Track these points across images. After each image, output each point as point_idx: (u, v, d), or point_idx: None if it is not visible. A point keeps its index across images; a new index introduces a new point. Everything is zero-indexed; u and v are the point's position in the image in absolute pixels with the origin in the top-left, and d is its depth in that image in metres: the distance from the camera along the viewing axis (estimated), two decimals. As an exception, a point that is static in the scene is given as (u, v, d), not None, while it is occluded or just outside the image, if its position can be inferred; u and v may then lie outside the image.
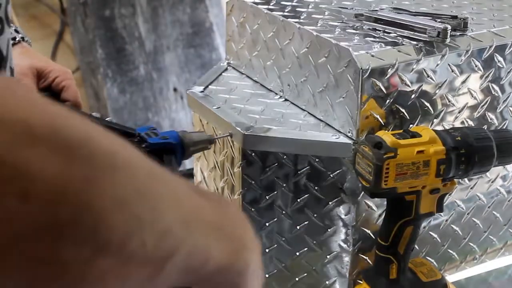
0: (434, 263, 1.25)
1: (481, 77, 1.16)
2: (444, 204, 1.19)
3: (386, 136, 1.00)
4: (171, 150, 1.02)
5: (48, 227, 0.35)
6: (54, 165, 0.36)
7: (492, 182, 1.25)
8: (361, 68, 1.05)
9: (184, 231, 0.44)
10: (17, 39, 1.12)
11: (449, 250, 1.26)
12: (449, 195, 1.20)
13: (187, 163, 1.27)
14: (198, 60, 2.86)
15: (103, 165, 0.38)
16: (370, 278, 1.12)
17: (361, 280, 1.13)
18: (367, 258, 1.15)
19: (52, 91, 1.11)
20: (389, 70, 1.07)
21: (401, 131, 1.04)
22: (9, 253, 0.35)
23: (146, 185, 0.41)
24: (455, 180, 1.06)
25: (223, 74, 1.31)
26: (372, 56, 1.07)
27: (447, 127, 1.15)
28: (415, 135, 1.02)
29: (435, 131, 1.04)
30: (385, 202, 1.09)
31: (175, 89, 2.82)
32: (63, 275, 0.37)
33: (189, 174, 1.30)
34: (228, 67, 1.33)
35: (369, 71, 1.05)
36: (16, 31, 1.14)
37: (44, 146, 0.36)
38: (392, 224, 1.07)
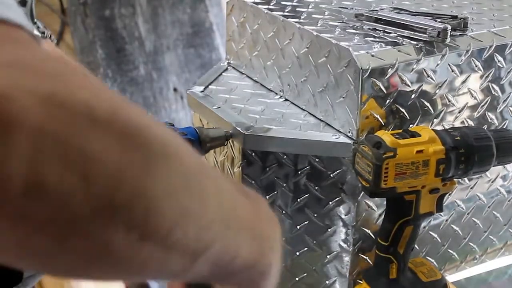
0: (434, 263, 1.25)
1: (481, 77, 1.16)
2: (444, 204, 1.19)
3: (386, 136, 1.00)
4: None
5: (103, 208, 0.36)
6: (113, 150, 0.37)
7: (492, 182, 1.25)
8: (361, 68, 1.05)
9: (222, 227, 0.45)
10: (45, 34, 1.13)
11: (449, 250, 1.26)
12: (449, 195, 1.20)
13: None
14: (198, 60, 2.86)
15: (157, 154, 0.39)
16: (370, 278, 1.12)
17: (361, 280, 1.13)
18: (367, 258, 1.15)
19: None
20: (389, 70, 1.07)
21: (400, 131, 1.04)
22: (65, 228, 0.36)
23: (195, 177, 0.42)
24: (454, 179, 1.06)
25: (223, 74, 1.31)
26: (372, 56, 1.07)
27: (447, 127, 1.15)
28: (414, 135, 1.02)
29: (435, 130, 1.04)
30: (385, 202, 1.09)
31: (175, 89, 2.82)
32: (110, 255, 0.38)
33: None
34: (228, 67, 1.33)
35: (369, 71, 1.05)
36: (44, 27, 1.15)
37: (104, 130, 0.36)
38: (391, 224, 1.07)
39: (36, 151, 0.34)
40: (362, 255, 1.16)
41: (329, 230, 1.16)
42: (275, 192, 1.15)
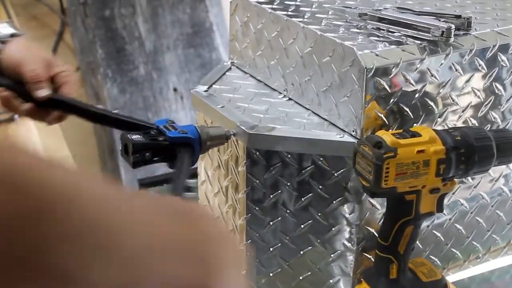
0: (438, 262, 1.25)
1: (484, 76, 1.17)
2: (448, 203, 1.20)
3: (386, 136, 1.00)
4: (189, 145, 1.03)
5: (1, 263, 0.36)
6: (5, 206, 0.36)
7: (495, 181, 1.25)
8: (366, 67, 1.05)
9: (150, 257, 0.43)
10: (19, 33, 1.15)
11: (452, 249, 1.26)
12: (453, 194, 1.21)
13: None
14: (198, 60, 2.86)
15: (55, 198, 0.38)
16: (370, 278, 1.12)
17: (362, 280, 1.13)
18: (371, 257, 1.15)
19: (52, 82, 1.11)
20: (393, 69, 1.07)
21: (401, 130, 1.04)
22: None
23: (103, 214, 0.41)
24: (455, 179, 1.06)
25: (226, 73, 1.31)
26: (377, 55, 1.07)
27: (450, 126, 1.16)
28: (415, 134, 1.02)
29: (435, 130, 1.04)
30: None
31: (175, 89, 2.82)
32: None
33: (193, 174, 1.31)
34: (232, 67, 1.33)
35: (373, 70, 1.05)
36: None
37: None
38: (392, 224, 1.07)
39: None
40: (366, 254, 1.16)
41: (333, 229, 1.16)
42: (279, 191, 1.15)
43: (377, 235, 1.14)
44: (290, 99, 1.22)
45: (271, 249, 1.18)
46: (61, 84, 1.11)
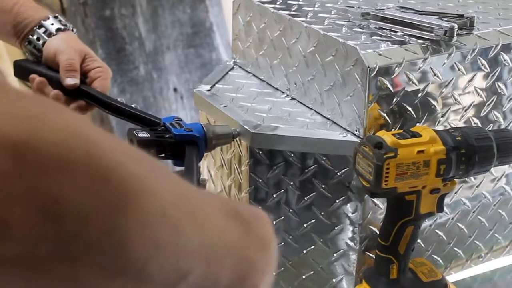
0: (440, 261, 1.26)
1: (487, 76, 1.17)
2: (450, 203, 1.20)
3: (386, 136, 1.00)
4: (194, 142, 1.03)
5: (71, 249, 0.37)
6: (83, 192, 0.37)
7: (497, 180, 1.26)
8: (369, 67, 1.05)
9: (200, 254, 0.45)
10: (67, 26, 1.19)
11: (455, 248, 1.26)
12: (455, 193, 1.21)
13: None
14: (198, 60, 2.86)
15: (127, 191, 0.39)
16: (371, 278, 1.12)
17: (362, 280, 1.13)
18: (373, 256, 1.16)
19: (87, 77, 1.15)
20: (396, 69, 1.07)
21: (401, 131, 1.04)
22: (33, 268, 0.37)
23: (169, 208, 0.42)
24: (455, 180, 1.06)
25: (229, 73, 1.31)
26: (380, 54, 1.08)
27: (453, 126, 1.16)
28: (415, 135, 1.02)
29: (435, 131, 1.04)
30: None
31: (175, 89, 2.83)
32: None
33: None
34: (234, 66, 1.34)
35: (376, 69, 1.06)
36: (65, 20, 1.22)
37: (74, 172, 0.37)
38: (392, 224, 1.07)
39: (5, 195, 0.35)
40: (368, 253, 1.17)
41: (336, 228, 1.17)
42: (282, 190, 1.15)
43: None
44: (292, 98, 1.22)
45: (274, 248, 1.18)
46: (94, 78, 1.14)
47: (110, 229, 0.38)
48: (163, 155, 1.04)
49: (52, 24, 1.16)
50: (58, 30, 1.16)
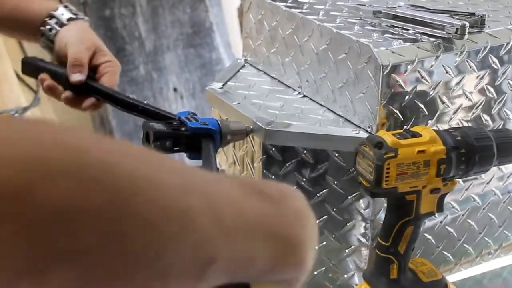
0: (450, 257, 1.26)
1: (498, 73, 1.18)
2: (460, 200, 1.21)
3: (387, 136, 1.01)
4: (210, 136, 1.04)
5: (77, 252, 0.37)
6: (99, 198, 0.38)
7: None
8: (382, 64, 1.06)
9: (222, 238, 0.44)
10: (78, 16, 1.18)
11: (464, 245, 1.27)
12: (466, 190, 1.22)
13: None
14: (198, 60, 2.87)
15: (127, 190, 0.39)
16: (371, 277, 1.12)
17: (362, 280, 1.14)
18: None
19: (96, 71, 1.15)
20: (409, 66, 1.08)
21: (401, 131, 1.05)
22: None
23: (175, 200, 0.42)
24: (455, 179, 1.07)
25: (240, 70, 1.32)
26: (392, 52, 1.09)
27: (464, 123, 1.17)
28: (415, 135, 1.03)
29: (436, 130, 1.04)
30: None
31: (175, 89, 2.83)
32: None
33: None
34: (245, 64, 1.34)
35: (389, 67, 1.07)
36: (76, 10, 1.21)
37: (90, 185, 0.38)
38: (392, 224, 1.07)
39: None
40: (380, 249, 1.17)
41: (348, 224, 1.18)
42: (295, 186, 1.16)
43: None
44: (304, 96, 1.23)
45: (286, 244, 1.19)
46: (103, 73, 1.14)
47: (110, 229, 0.38)
48: (179, 148, 1.04)
49: (63, 14, 1.15)
50: (69, 19, 1.15)
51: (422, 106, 1.12)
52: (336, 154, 1.14)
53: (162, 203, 0.41)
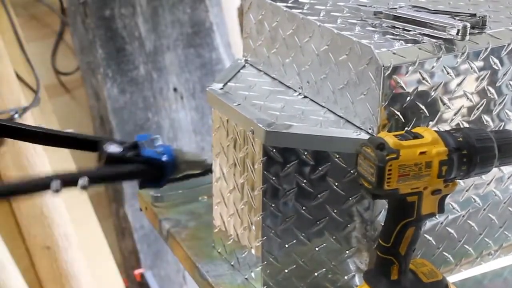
0: (450, 258, 1.27)
1: (499, 74, 1.18)
2: (461, 201, 1.21)
3: (388, 137, 1.01)
4: (159, 167, 1.03)
5: None
6: None
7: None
8: (383, 66, 1.06)
9: None
10: None
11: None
12: (466, 191, 1.22)
13: (207, 159, 1.28)
14: (198, 60, 2.86)
15: None
16: (371, 279, 1.12)
17: (363, 281, 1.14)
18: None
19: None
20: (410, 68, 1.08)
21: (402, 132, 1.05)
22: None
23: None
24: (456, 180, 1.07)
25: (241, 71, 1.32)
26: (394, 53, 1.08)
27: (465, 124, 1.17)
28: (417, 136, 1.03)
29: (437, 132, 1.04)
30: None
31: (175, 89, 2.83)
32: None
33: (209, 170, 1.31)
34: (246, 64, 1.34)
35: (390, 68, 1.06)
36: None
37: None
38: (393, 225, 1.07)
39: None
40: (381, 251, 1.17)
41: (348, 225, 1.17)
42: (295, 188, 1.16)
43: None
44: (305, 96, 1.23)
45: (286, 245, 1.19)
46: None
47: None
48: (129, 173, 1.04)
49: None
50: None
51: (423, 107, 1.12)
52: (337, 156, 1.14)
53: None
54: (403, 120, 1.11)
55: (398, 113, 1.10)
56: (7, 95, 2.41)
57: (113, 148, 1.03)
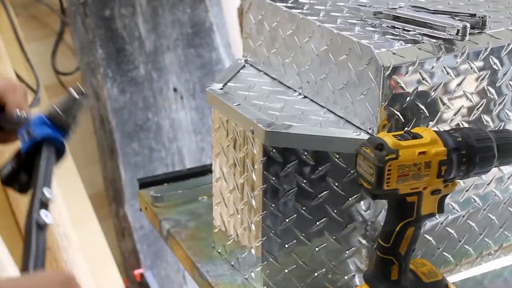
0: (451, 258, 1.27)
1: (499, 74, 1.18)
2: (461, 201, 1.21)
3: (388, 138, 1.01)
4: (45, 147, 0.98)
5: None
6: None
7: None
8: (383, 66, 1.06)
9: None
10: None
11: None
12: (466, 191, 1.22)
13: (207, 159, 1.28)
14: (198, 60, 2.86)
15: None
16: (371, 279, 1.12)
17: (363, 281, 1.14)
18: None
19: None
20: (410, 68, 1.08)
21: (402, 132, 1.05)
22: None
23: None
24: (456, 181, 1.07)
25: (240, 71, 1.32)
26: (394, 53, 1.08)
27: (465, 124, 1.17)
28: (416, 136, 1.03)
29: (436, 132, 1.04)
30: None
31: (175, 89, 2.83)
32: None
33: (208, 170, 1.31)
34: (246, 64, 1.34)
35: (390, 68, 1.06)
36: None
37: None
38: (393, 226, 1.08)
39: None
40: (381, 251, 1.17)
41: (348, 226, 1.17)
42: (295, 188, 1.16)
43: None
44: (305, 97, 1.23)
45: (286, 245, 1.19)
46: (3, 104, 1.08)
47: None
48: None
49: None
50: None
51: (423, 107, 1.12)
52: (337, 156, 1.14)
53: None
54: (403, 120, 1.11)
55: (398, 113, 1.10)
56: (7, 95, 2.41)
57: (6, 169, 1.00)
